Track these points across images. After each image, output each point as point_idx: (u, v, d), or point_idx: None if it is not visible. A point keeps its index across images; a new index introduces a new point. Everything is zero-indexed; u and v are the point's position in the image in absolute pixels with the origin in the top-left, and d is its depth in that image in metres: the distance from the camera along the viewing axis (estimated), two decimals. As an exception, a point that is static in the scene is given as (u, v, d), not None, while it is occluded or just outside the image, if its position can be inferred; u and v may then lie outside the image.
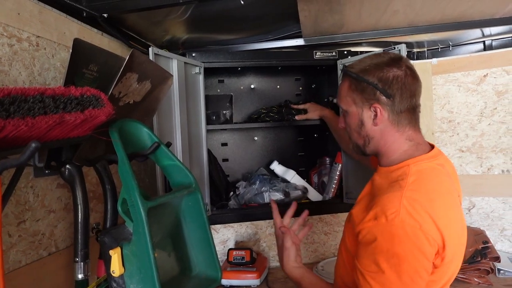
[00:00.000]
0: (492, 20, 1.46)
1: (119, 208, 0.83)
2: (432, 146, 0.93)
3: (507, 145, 1.68)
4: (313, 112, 1.57)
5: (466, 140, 1.74)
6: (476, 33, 1.69)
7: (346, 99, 0.94)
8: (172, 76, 1.02)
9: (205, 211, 0.90)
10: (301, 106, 1.60)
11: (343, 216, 1.78)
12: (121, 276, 0.81)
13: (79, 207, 0.87)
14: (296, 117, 1.57)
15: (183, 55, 1.41)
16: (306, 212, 1.19)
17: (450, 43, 1.76)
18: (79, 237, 0.86)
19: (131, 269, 0.80)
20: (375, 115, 0.89)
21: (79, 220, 0.87)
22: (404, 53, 1.30)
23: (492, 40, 1.71)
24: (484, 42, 1.73)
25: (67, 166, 0.85)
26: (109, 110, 0.76)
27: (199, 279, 0.91)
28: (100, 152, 0.92)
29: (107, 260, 0.81)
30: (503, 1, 1.31)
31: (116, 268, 0.79)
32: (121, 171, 0.78)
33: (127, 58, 0.81)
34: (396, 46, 1.33)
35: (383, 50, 1.38)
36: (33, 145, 0.52)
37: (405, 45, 1.33)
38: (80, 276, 0.86)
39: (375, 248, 0.77)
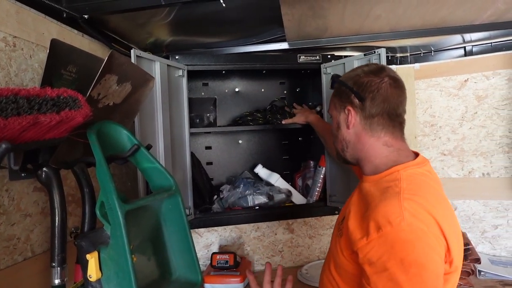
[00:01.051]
0: (471, 26, 1.49)
1: (97, 212, 0.81)
2: (416, 154, 0.92)
3: (487, 148, 1.72)
4: (299, 116, 1.58)
5: (448, 144, 1.77)
6: (457, 39, 1.73)
7: (330, 104, 0.99)
8: (153, 78, 1.01)
9: (185, 214, 0.89)
10: (295, 111, 1.62)
11: (327, 219, 1.79)
12: (98, 280, 0.79)
13: (56, 211, 0.85)
14: (283, 121, 1.58)
15: (167, 57, 1.40)
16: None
17: (432, 49, 1.79)
18: (56, 241, 0.85)
19: (108, 273, 0.78)
20: (349, 118, 0.91)
21: (56, 224, 0.85)
22: (383, 57, 1.31)
23: (472, 46, 1.75)
24: (464, 48, 1.76)
25: (44, 168, 0.84)
26: (86, 111, 0.75)
27: (179, 283, 0.90)
28: (78, 155, 0.91)
29: (84, 265, 0.79)
30: (482, 8, 1.34)
31: (93, 272, 0.78)
32: (98, 173, 0.77)
33: (105, 59, 0.79)
34: (376, 50, 1.34)
35: (364, 54, 1.39)
36: (3, 146, 0.51)
37: (384, 49, 1.34)
38: (56, 281, 0.84)
39: (386, 262, 0.69)
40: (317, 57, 1.52)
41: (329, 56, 1.54)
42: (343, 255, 0.84)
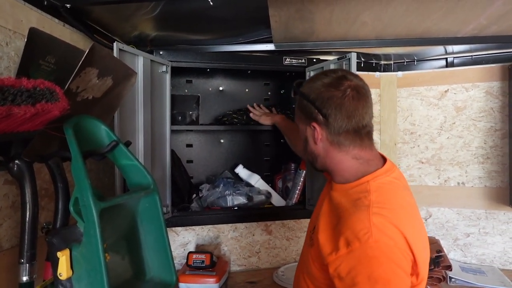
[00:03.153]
0: (454, 38, 1.53)
1: (71, 208, 0.79)
2: (384, 159, 0.91)
3: (463, 158, 1.76)
4: (265, 118, 1.57)
5: (426, 152, 1.81)
6: (439, 50, 1.76)
7: (296, 115, 0.96)
8: (136, 73, 0.99)
9: (163, 213, 0.88)
10: (254, 111, 1.61)
11: (305, 222, 1.80)
12: (69, 279, 0.77)
13: (28, 205, 0.82)
14: (251, 115, 1.59)
15: (151, 52, 1.38)
16: None
17: (415, 58, 1.82)
18: (26, 237, 0.82)
19: (79, 272, 0.76)
20: (314, 134, 0.88)
21: (27, 219, 0.82)
22: (354, 60, 1.31)
23: (454, 57, 1.79)
24: (446, 59, 1.81)
25: (16, 161, 0.81)
26: (63, 105, 0.73)
27: (153, 283, 0.88)
28: (54, 149, 0.88)
29: (55, 262, 0.77)
30: (465, 22, 1.37)
31: (63, 270, 0.75)
32: (74, 169, 0.75)
33: (86, 52, 0.77)
34: (346, 55, 1.34)
35: (337, 59, 1.40)
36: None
37: (355, 54, 1.32)
38: (25, 278, 0.81)
39: (354, 278, 0.71)
40: (302, 60, 1.53)
41: (314, 60, 1.55)
42: (314, 265, 0.84)
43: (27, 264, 0.81)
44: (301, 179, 1.55)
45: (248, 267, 1.75)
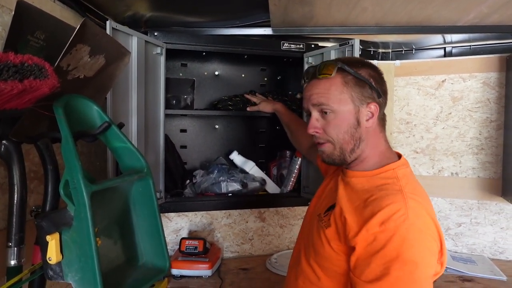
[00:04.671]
0: (454, 27, 1.51)
1: (61, 191, 0.76)
2: (398, 154, 0.93)
3: (457, 149, 1.76)
4: (265, 105, 1.52)
5: (421, 142, 1.80)
6: (438, 39, 1.74)
7: (339, 97, 0.85)
8: (129, 53, 0.96)
9: (156, 198, 0.86)
10: (254, 99, 1.56)
11: (299, 209, 1.79)
12: (59, 263, 0.75)
13: (16, 187, 0.79)
14: (248, 108, 1.52)
15: (145, 33, 1.33)
16: None
17: (414, 47, 1.80)
18: (14, 220, 0.80)
19: (70, 256, 0.74)
20: (371, 115, 0.87)
21: (15, 201, 0.80)
22: (357, 46, 1.29)
23: (452, 47, 1.77)
24: (444, 48, 1.79)
25: (4, 141, 0.77)
26: (53, 82, 0.69)
27: (145, 268, 0.86)
28: (43, 129, 0.84)
29: (44, 246, 0.75)
30: (466, 10, 1.35)
31: (53, 255, 0.73)
32: (64, 150, 0.72)
33: (77, 27, 0.73)
34: (349, 41, 1.31)
35: (339, 45, 1.37)
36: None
37: (358, 40, 1.30)
38: (13, 262, 0.79)
39: (384, 256, 0.72)
40: (301, 46, 1.50)
41: (313, 46, 1.52)
42: (330, 246, 0.83)
43: (15, 248, 0.79)
44: (297, 167, 1.54)
45: (241, 254, 1.75)
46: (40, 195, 1.04)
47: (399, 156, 0.92)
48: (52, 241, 0.73)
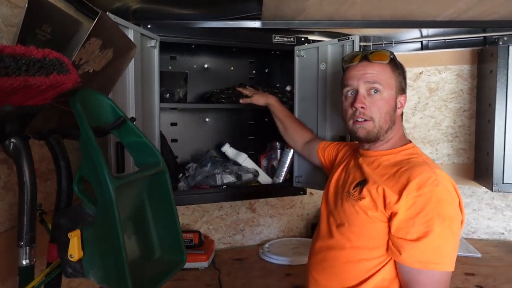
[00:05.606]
0: (434, 22, 1.59)
1: (75, 188, 0.75)
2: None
3: (434, 137, 1.87)
4: (258, 98, 1.50)
5: (400, 131, 1.90)
6: (415, 33, 1.83)
7: (389, 81, 0.99)
8: (135, 46, 0.95)
9: (172, 192, 0.86)
10: (246, 91, 1.56)
11: (288, 199, 1.84)
12: (79, 261, 0.74)
13: (25, 185, 0.77)
14: (241, 101, 1.51)
15: (137, 26, 1.31)
16: None
17: (393, 40, 1.88)
18: (25, 219, 0.77)
19: (92, 253, 0.74)
20: (401, 104, 1.02)
21: (25, 200, 0.77)
22: (357, 43, 1.35)
23: (428, 41, 1.87)
24: (421, 42, 1.88)
25: (12, 139, 0.75)
26: (75, 77, 0.68)
27: (162, 262, 0.87)
28: (52, 125, 0.82)
29: (63, 244, 0.74)
30: (446, 5, 1.43)
31: (75, 252, 0.72)
32: (85, 146, 0.71)
33: (95, 21, 0.72)
34: (350, 37, 1.37)
35: (338, 40, 1.42)
36: (6, 108, 0.44)
37: (358, 36, 1.38)
38: (24, 262, 0.77)
39: (426, 215, 0.83)
40: (292, 39, 1.52)
41: (302, 39, 1.55)
42: (366, 214, 0.93)
43: (27, 247, 0.77)
44: (289, 158, 1.57)
45: (233, 245, 1.77)
46: (41, 193, 1.02)
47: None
48: (74, 238, 0.72)
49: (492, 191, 1.58)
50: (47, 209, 0.86)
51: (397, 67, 1.03)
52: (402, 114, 1.06)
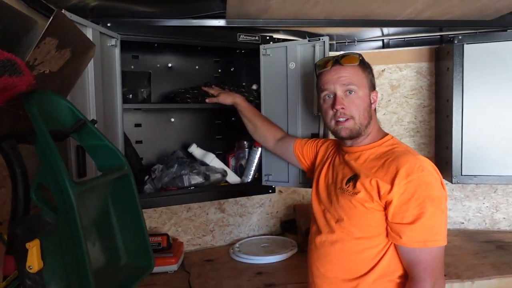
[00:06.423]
0: (394, 21, 1.65)
1: (33, 196, 0.72)
2: None
3: (397, 132, 1.93)
4: (225, 97, 1.47)
5: (365, 128, 1.95)
6: (377, 32, 1.89)
7: (362, 81, 1.07)
8: (95, 46, 0.91)
9: (138, 195, 0.84)
10: (211, 91, 1.53)
11: (257, 198, 1.85)
12: (39, 272, 0.70)
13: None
14: (207, 100, 1.48)
15: (96, 24, 1.26)
16: None
17: (356, 39, 1.93)
18: (-22, 230, 0.73)
19: (53, 263, 0.70)
20: (374, 100, 1.10)
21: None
22: (327, 43, 1.37)
23: (389, 39, 1.93)
24: (383, 40, 1.94)
25: (-40, 145, 0.70)
26: (29, 79, 0.65)
27: (130, 268, 0.84)
28: (5, 129, 0.78)
29: (21, 255, 0.70)
30: (405, 6, 1.48)
31: (34, 263, 0.69)
32: (42, 150, 0.67)
33: (50, 19, 0.68)
34: (321, 38, 1.39)
35: (308, 40, 1.43)
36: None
37: (328, 37, 1.40)
38: (-21, 277, 0.72)
39: (417, 199, 0.92)
40: (256, 38, 1.52)
41: (267, 38, 1.55)
42: (364, 206, 1.00)
43: (-19, 261, 0.72)
44: (257, 156, 1.57)
45: (203, 246, 1.75)
46: (-4, 202, 0.96)
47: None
48: (33, 249, 0.68)
49: (452, 183, 1.66)
50: (1, 219, 0.81)
51: (366, 67, 1.10)
52: (375, 108, 1.13)
